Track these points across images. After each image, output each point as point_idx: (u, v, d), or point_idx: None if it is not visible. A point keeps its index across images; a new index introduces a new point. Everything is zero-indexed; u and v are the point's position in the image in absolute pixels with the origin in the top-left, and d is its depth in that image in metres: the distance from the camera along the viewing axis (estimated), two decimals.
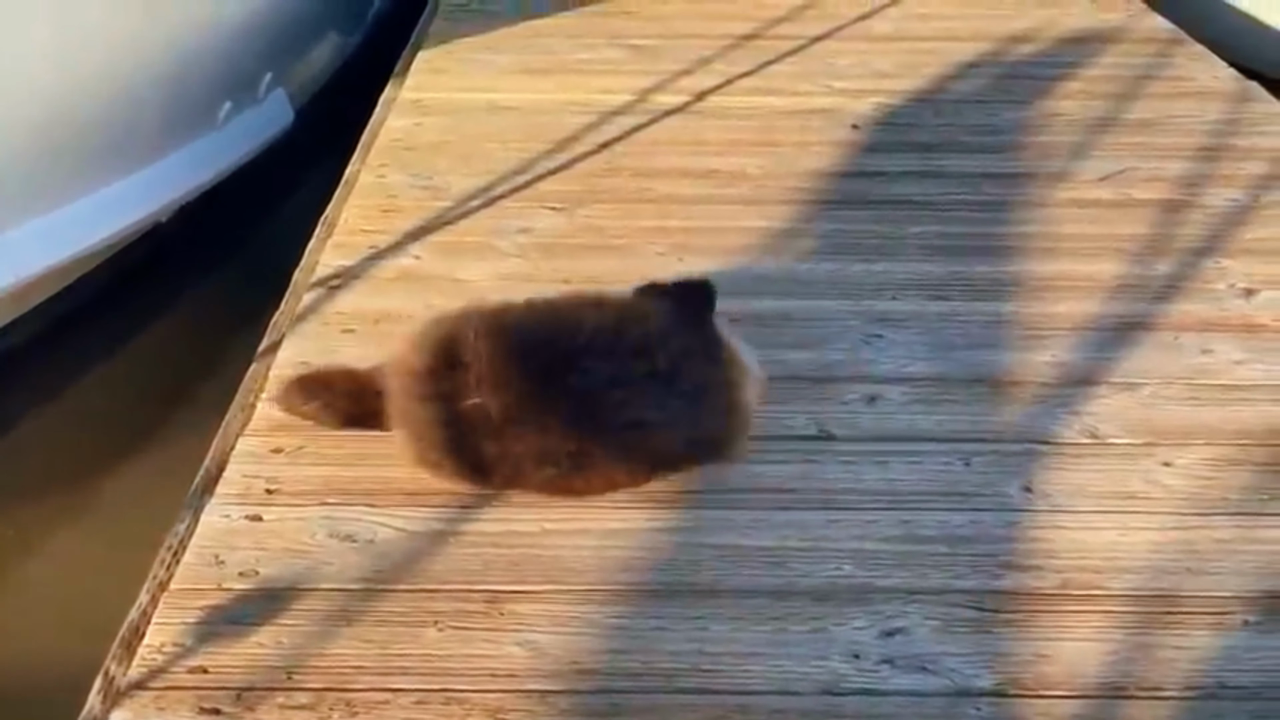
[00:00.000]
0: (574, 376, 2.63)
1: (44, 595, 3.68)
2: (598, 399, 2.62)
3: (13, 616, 3.57)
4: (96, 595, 3.20)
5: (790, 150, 4.42)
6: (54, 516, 3.94)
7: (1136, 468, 2.81)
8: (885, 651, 2.32)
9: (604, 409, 2.63)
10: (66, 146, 4.57)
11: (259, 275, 4.12)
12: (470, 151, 4.38)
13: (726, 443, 2.76)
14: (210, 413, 3.13)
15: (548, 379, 2.64)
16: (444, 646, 2.33)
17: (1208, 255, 3.70)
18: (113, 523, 3.85)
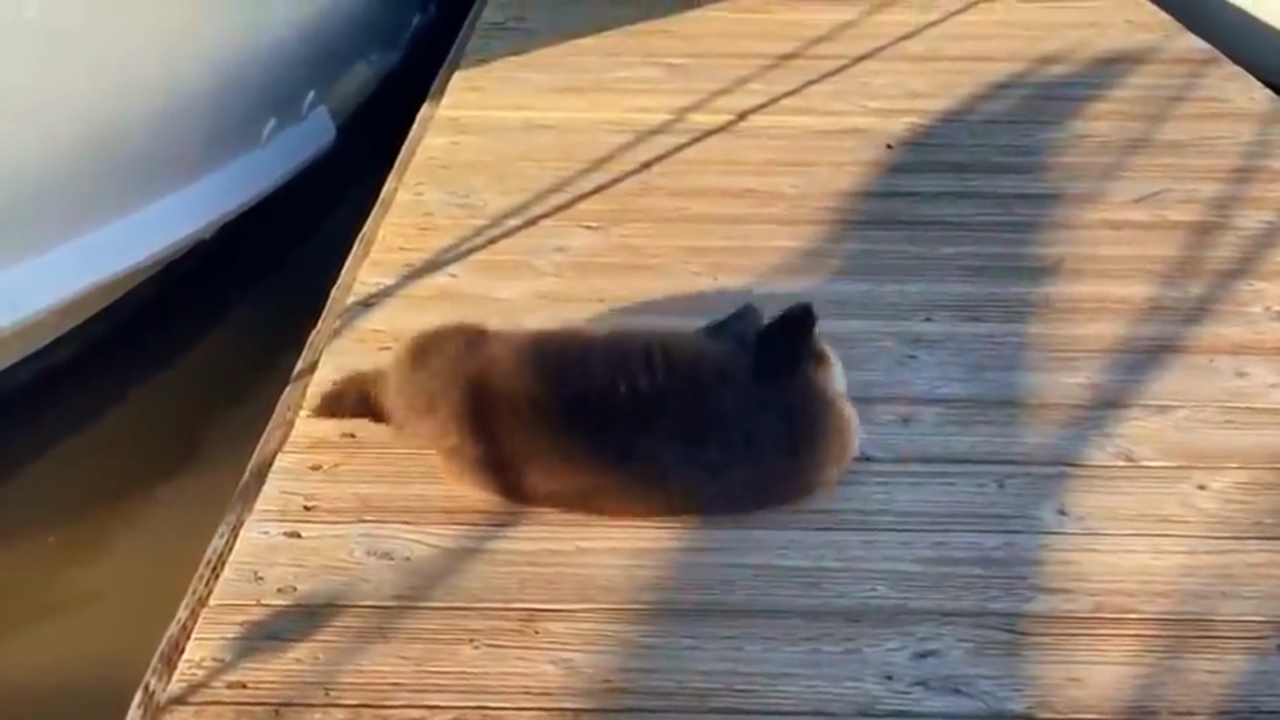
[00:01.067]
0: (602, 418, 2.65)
1: (85, 609, 3.72)
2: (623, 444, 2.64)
3: (55, 630, 3.62)
4: (137, 609, 3.23)
5: (825, 170, 4.43)
6: (95, 531, 3.99)
7: (1170, 490, 2.82)
8: (919, 673, 2.34)
9: (627, 455, 2.64)
10: (113, 164, 4.63)
11: (299, 292, 4.15)
12: (506, 170, 4.41)
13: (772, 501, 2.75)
14: (249, 430, 3.16)
15: (574, 418, 2.66)
16: (479, 664, 2.36)
17: (1242, 277, 3.70)
18: (153, 537, 3.90)
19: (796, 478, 2.74)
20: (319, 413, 3.04)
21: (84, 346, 4.76)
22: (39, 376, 4.58)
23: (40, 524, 3.99)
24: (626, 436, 2.62)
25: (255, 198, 5.40)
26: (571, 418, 2.65)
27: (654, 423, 2.62)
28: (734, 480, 2.66)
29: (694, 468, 2.64)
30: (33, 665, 3.49)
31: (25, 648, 3.59)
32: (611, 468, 2.65)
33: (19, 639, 3.65)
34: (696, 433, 2.64)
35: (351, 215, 4.27)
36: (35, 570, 3.85)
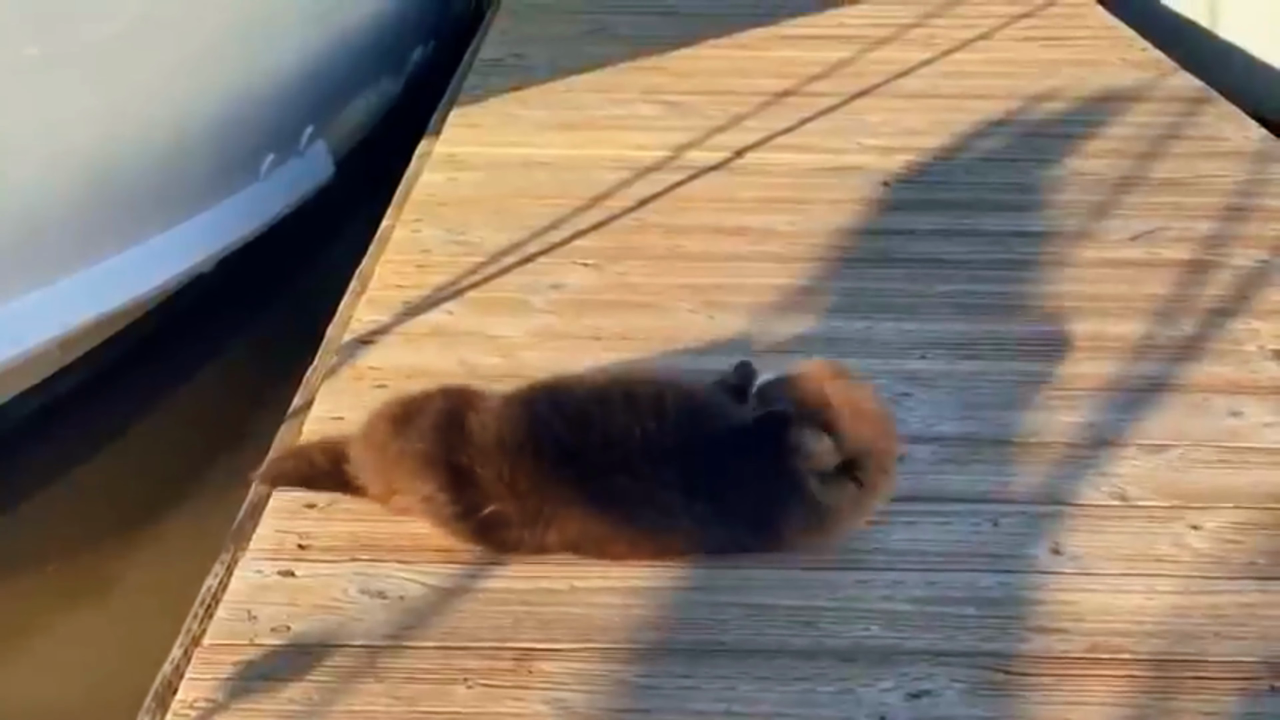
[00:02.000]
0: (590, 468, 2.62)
1: (78, 646, 3.72)
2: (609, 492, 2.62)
3: (48, 666, 3.61)
4: (131, 646, 3.23)
5: (821, 208, 4.45)
6: (91, 567, 3.99)
7: (1164, 530, 2.82)
8: (913, 714, 2.34)
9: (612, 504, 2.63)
10: (112, 198, 4.65)
11: (297, 327, 4.16)
12: (503, 207, 4.43)
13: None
14: (245, 468, 3.15)
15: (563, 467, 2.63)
16: (472, 704, 2.36)
17: (1237, 316, 3.71)
18: (148, 574, 3.89)
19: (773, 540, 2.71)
20: (276, 483, 2.92)
21: (84, 380, 4.77)
22: (39, 410, 4.59)
23: (36, 559, 3.99)
24: (627, 483, 2.60)
25: (254, 232, 5.42)
26: (571, 466, 2.62)
27: (652, 469, 2.60)
28: (731, 527, 2.66)
29: (691, 516, 2.63)
30: (26, 701, 3.49)
31: (18, 683, 3.59)
32: (613, 515, 2.63)
33: (12, 674, 3.64)
34: (693, 480, 2.62)
35: (349, 250, 4.28)
36: (29, 605, 3.85)
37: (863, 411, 2.74)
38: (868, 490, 2.70)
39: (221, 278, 5.29)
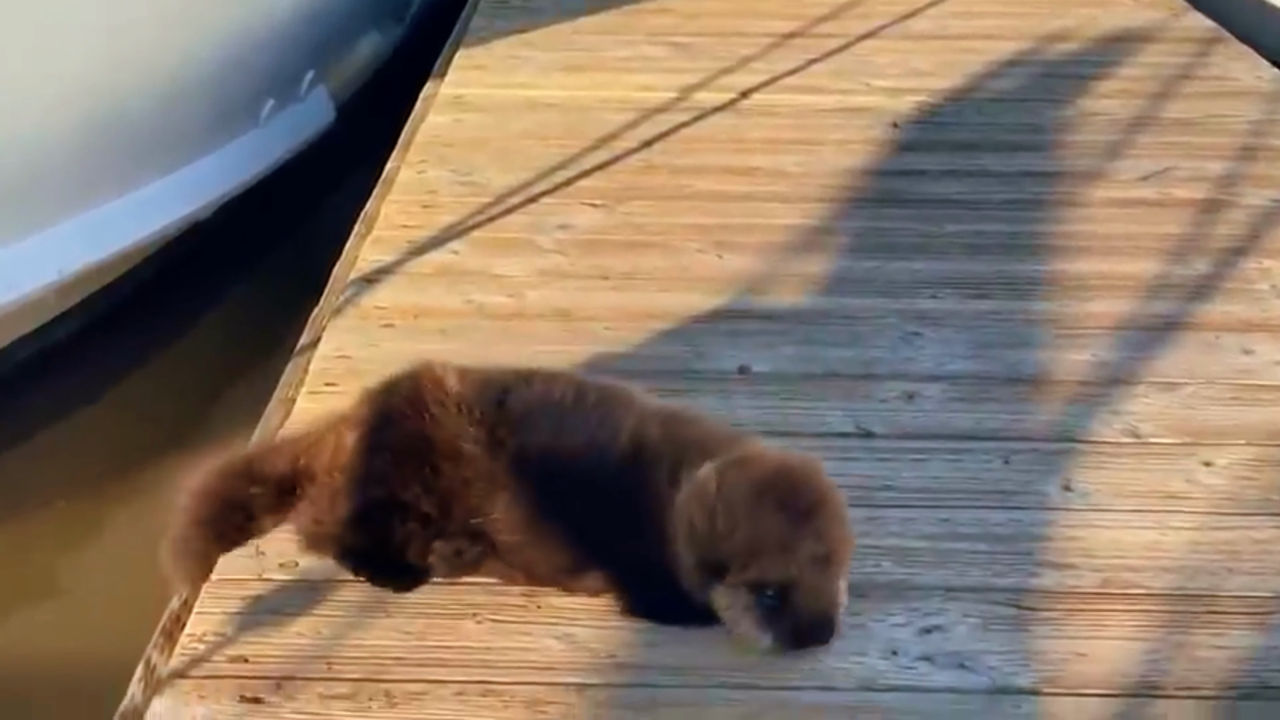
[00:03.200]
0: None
1: (87, 585, 3.73)
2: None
3: (57, 605, 3.62)
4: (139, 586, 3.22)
5: (830, 149, 4.41)
6: (96, 509, 3.99)
7: (1177, 467, 2.80)
8: (924, 649, 2.32)
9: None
10: (111, 144, 4.62)
11: (300, 273, 4.15)
12: (510, 148, 4.40)
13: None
14: (251, 409, 3.14)
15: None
16: (482, 639, 2.34)
17: (1249, 255, 3.68)
18: (154, 514, 3.87)
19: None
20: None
21: (84, 325, 4.75)
22: (38, 354, 4.58)
23: (41, 502, 3.99)
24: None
25: (254, 178, 5.39)
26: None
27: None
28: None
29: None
30: (35, 640, 3.49)
31: (28, 622, 3.60)
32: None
33: (22, 613, 3.65)
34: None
35: (351, 198, 4.26)
36: (38, 546, 3.85)
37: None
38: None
39: (222, 225, 5.26)
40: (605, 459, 2.35)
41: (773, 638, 2.24)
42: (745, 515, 2.22)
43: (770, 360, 3.20)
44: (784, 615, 2.23)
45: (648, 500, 2.31)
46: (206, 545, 2.50)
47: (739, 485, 2.24)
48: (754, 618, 2.23)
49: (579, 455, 2.35)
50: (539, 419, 2.39)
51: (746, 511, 2.22)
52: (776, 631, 2.23)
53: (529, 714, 2.18)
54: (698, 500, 2.25)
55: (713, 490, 2.24)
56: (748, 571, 2.21)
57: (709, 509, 2.23)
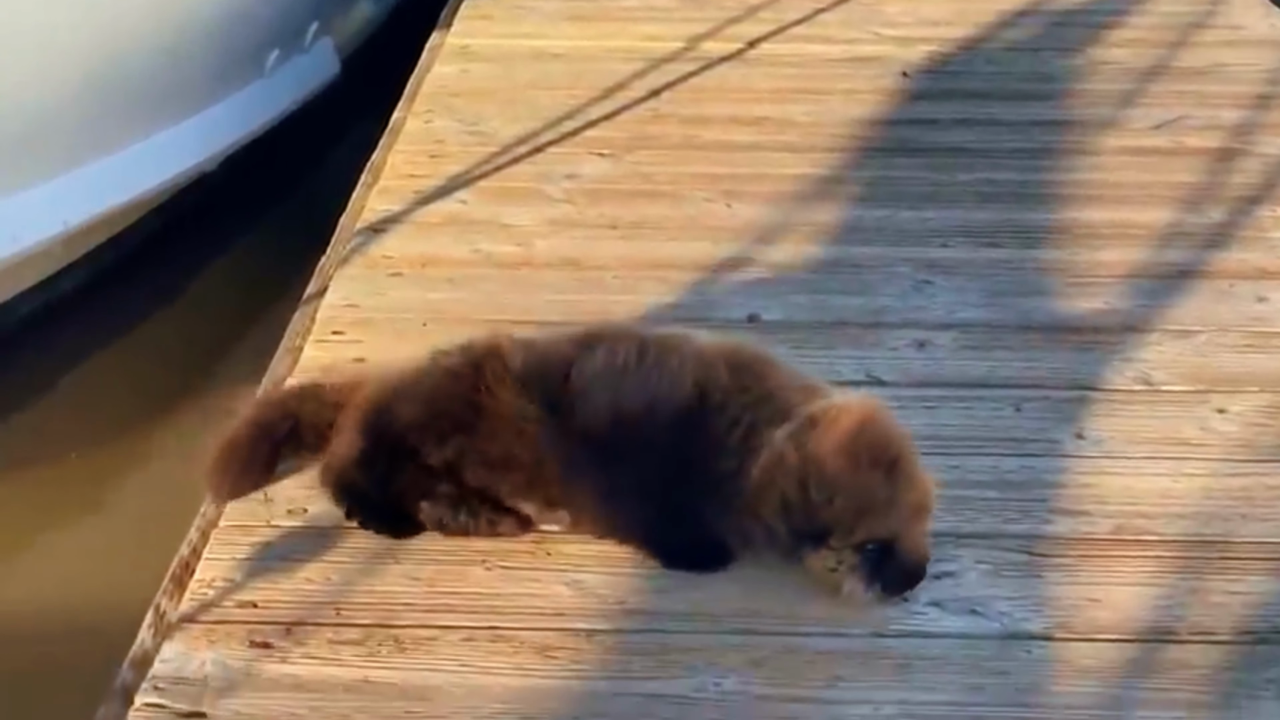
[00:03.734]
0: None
1: (96, 533, 3.73)
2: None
3: (67, 553, 3.63)
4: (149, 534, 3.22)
5: (839, 98, 4.37)
6: (105, 459, 3.98)
7: (1190, 414, 2.78)
8: (935, 594, 2.31)
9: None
10: (116, 94, 4.59)
11: (306, 224, 4.12)
12: (517, 98, 4.36)
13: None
14: (258, 359, 3.13)
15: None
16: (491, 585, 2.33)
17: (1263, 203, 3.65)
18: (163, 464, 3.88)
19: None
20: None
21: (89, 277, 4.74)
22: (44, 307, 4.56)
23: (51, 453, 3.99)
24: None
25: (259, 129, 5.36)
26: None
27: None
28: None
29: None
30: (46, 587, 3.50)
31: (39, 570, 3.61)
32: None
33: (33, 561, 3.66)
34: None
35: (356, 151, 4.21)
36: (48, 496, 3.86)
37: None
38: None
39: (228, 178, 5.24)
40: (666, 410, 2.32)
41: (880, 589, 2.23)
42: (841, 481, 2.20)
43: (779, 309, 3.18)
44: (886, 567, 2.22)
45: (708, 447, 2.29)
46: (245, 464, 2.50)
47: (824, 450, 2.21)
48: (860, 575, 2.22)
49: (639, 414, 2.33)
50: (600, 387, 2.36)
51: (841, 477, 2.20)
52: (883, 583, 2.23)
53: (538, 659, 2.18)
54: (782, 471, 2.23)
55: (794, 460, 2.22)
56: (855, 534, 2.21)
57: (799, 480, 2.21)
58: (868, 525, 2.20)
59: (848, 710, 2.09)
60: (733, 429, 2.29)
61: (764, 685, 2.13)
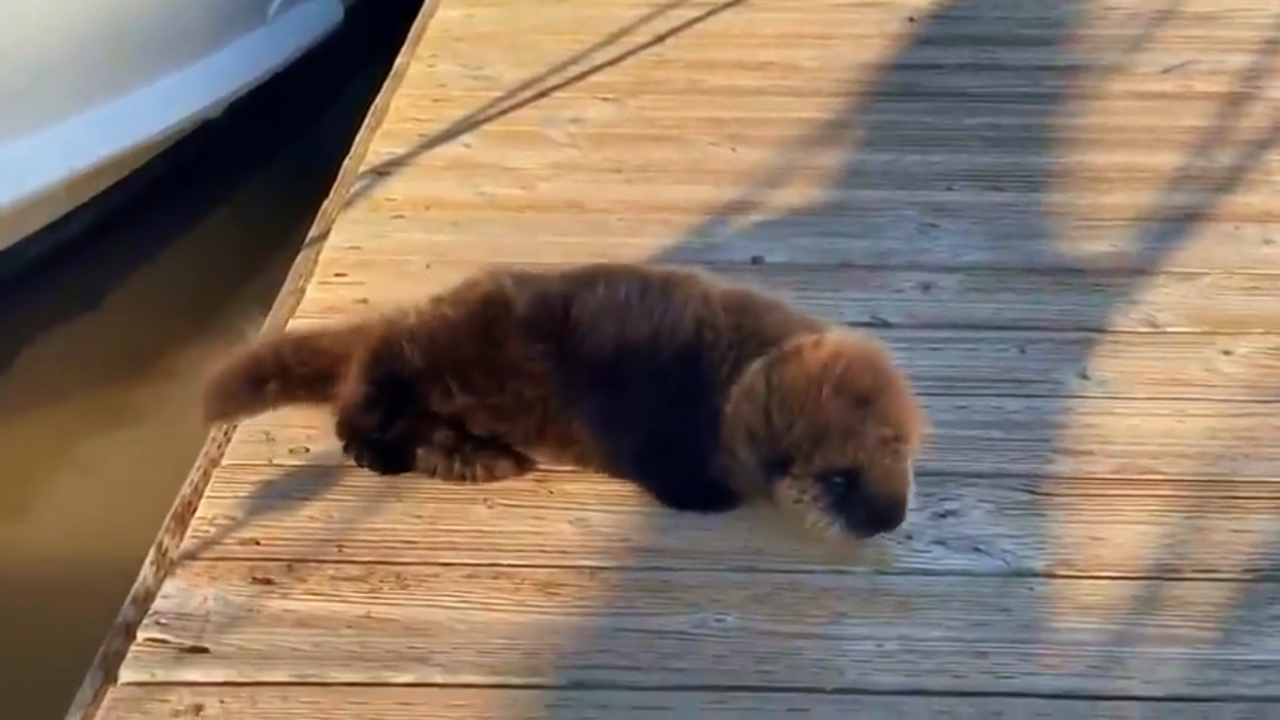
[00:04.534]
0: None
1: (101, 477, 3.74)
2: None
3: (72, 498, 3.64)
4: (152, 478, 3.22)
5: (845, 44, 4.34)
6: (109, 402, 4.00)
7: (1195, 356, 2.77)
8: (938, 533, 2.31)
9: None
10: (120, 39, 4.59)
11: (309, 172, 4.11)
12: (521, 43, 4.33)
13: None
14: (262, 302, 3.13)
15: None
16: (494, 524, 2.33)
17: (1270, 147, 3.62)
18: (165, 407, 3.88)
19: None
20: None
21: (95, 222, 4.74)
22: (50, 251, 4.56)
23: (56, 394, 4.00)
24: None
25: (262, 76, 5.34)
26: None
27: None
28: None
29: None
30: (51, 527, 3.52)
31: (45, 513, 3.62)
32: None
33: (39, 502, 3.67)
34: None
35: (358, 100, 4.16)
36: (53, 438, 3.88)
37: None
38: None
39: (231, 125, 5.22)
40: (668, 344, 2.32)
41: (842, 523, 2.21)
42: (802, 407, 2.19)
43: (784, 251, 3.17)
44: (853, 501, 2.20)
45: (704, 384, 2.28)
46: (241, 394, 2.47)
47: (792, 378, 2.20)
48: (822, 506, 2.20)
49: (642, 346, 2.33)
50: (604, 324, 2.36)
51: (803, 403, 2.19)
52: (847, 517, 2.20)
53: (541, 596, 2.18)
54: (749, 402, 2.22)
55: (763, 390, 2.21)
56: (812, 462, 2.19)
57: (763, 409, 2.21)
58: (825, 453, 2.18)
59: (850, 646, 2.09)
60: (722, 365, 2.28)
61: (767, 621, 2.13)
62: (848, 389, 2.19)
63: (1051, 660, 2.05)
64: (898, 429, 2.21)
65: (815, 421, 2.18)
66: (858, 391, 2.20)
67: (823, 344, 2.25)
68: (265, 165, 5.30)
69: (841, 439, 2.17)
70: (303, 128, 5.53)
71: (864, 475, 2.18)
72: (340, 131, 3.97)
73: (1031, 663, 2.05)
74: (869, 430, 2.18)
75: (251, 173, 5.24)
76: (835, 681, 2.03)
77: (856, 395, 2.20)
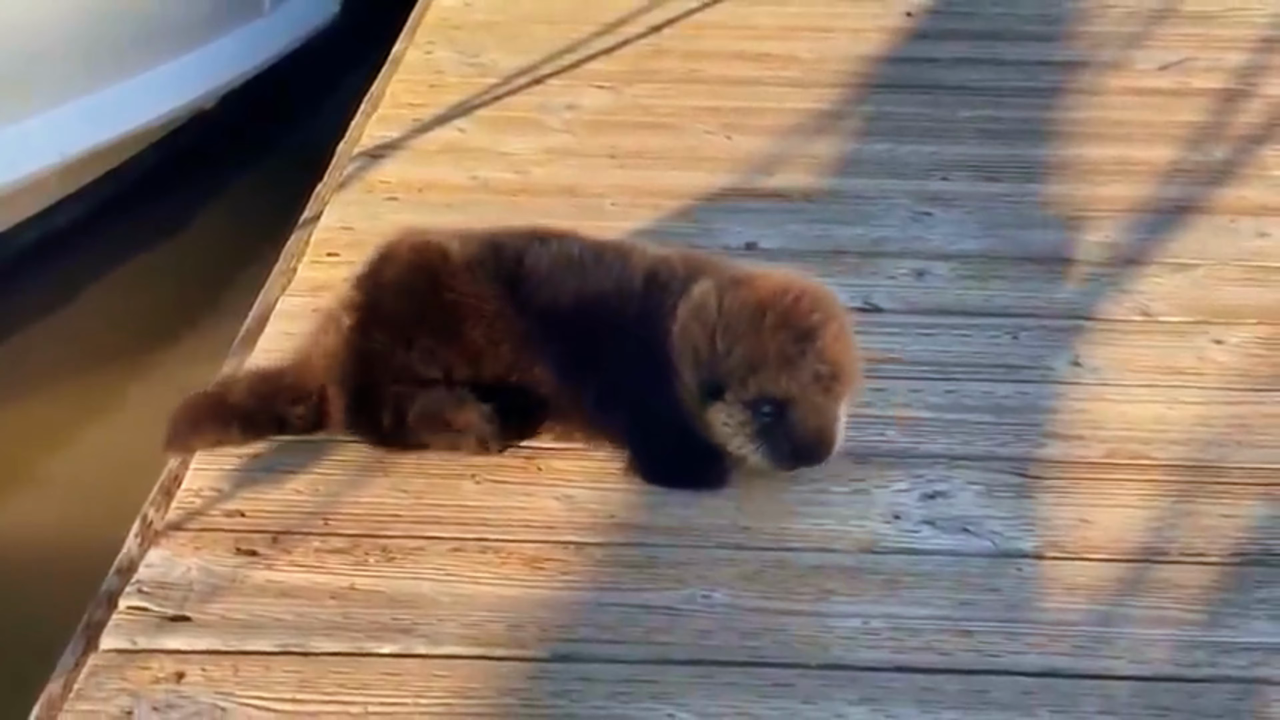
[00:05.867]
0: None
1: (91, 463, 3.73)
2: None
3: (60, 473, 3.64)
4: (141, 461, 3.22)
5: (843, 36, 4.34)
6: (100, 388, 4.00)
7: (1187, 344, 2.77)
8: (927, 513, 2.30)
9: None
10: (115, 27, 4.59)
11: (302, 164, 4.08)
12: (518, 31, 4.33)
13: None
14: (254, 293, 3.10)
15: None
16: (481, 499, 2.32)
17: (1265, 142, 3.62)
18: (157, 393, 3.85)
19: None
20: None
21: (87, 211, 4.73)
22: (41, 238, 4.56)
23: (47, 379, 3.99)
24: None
25: (257, 68, 5.35)
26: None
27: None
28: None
29: None
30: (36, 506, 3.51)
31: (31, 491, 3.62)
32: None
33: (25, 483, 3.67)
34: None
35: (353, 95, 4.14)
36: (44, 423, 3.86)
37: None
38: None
39: (225, 115, 5.22)
40: (628, 298, 2.33)
41: (765, 451, 2.23)
42: (745, 332, 2.20)
43: (778, 237, 3.16)
44: (778, 431, 2.21)
45: (662, 333, 2.28)
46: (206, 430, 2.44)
47: (741, 303, 2.21)
48: (749, 433, 2.22)
49: (607, 299, 2.34)
50: (563, 274, 2.37)
51: (746, 328, 2.20)
52: (770, 446, 2.22)
53: (527, 570, 2.17)
54: (697, 320, 2.23)
55: (713, 308, 2.22)
56: (746, 388, 2.20)
57: (709, 328, 2.22)
58: (759, 381, 2.19)
59: (837, 623, 2.07)
60: (673, 299, 2.30)
61: (754, 598, 2.12)
62: (792, 322, 2.22)
63: (1038, 639, 2.04)
64: (834, 368, 2.23)
65: (755, 349, 2.20)
66: (801, 326, 2.22)
67: (773, 274, 2.29)
68: (259, 157, 5.30)
69: (776, 369, 2.20)
70: (297, 119, 5.53)
71: (793, 407, 2.20)
72: (334, 124, 3.96)
73: (1018, 641, 2.04)
74: (805, 365, 2.20)
75: (245, 165, 5.25)
76: (821, 658, 2.01)
77: (799, 329, 2.22)
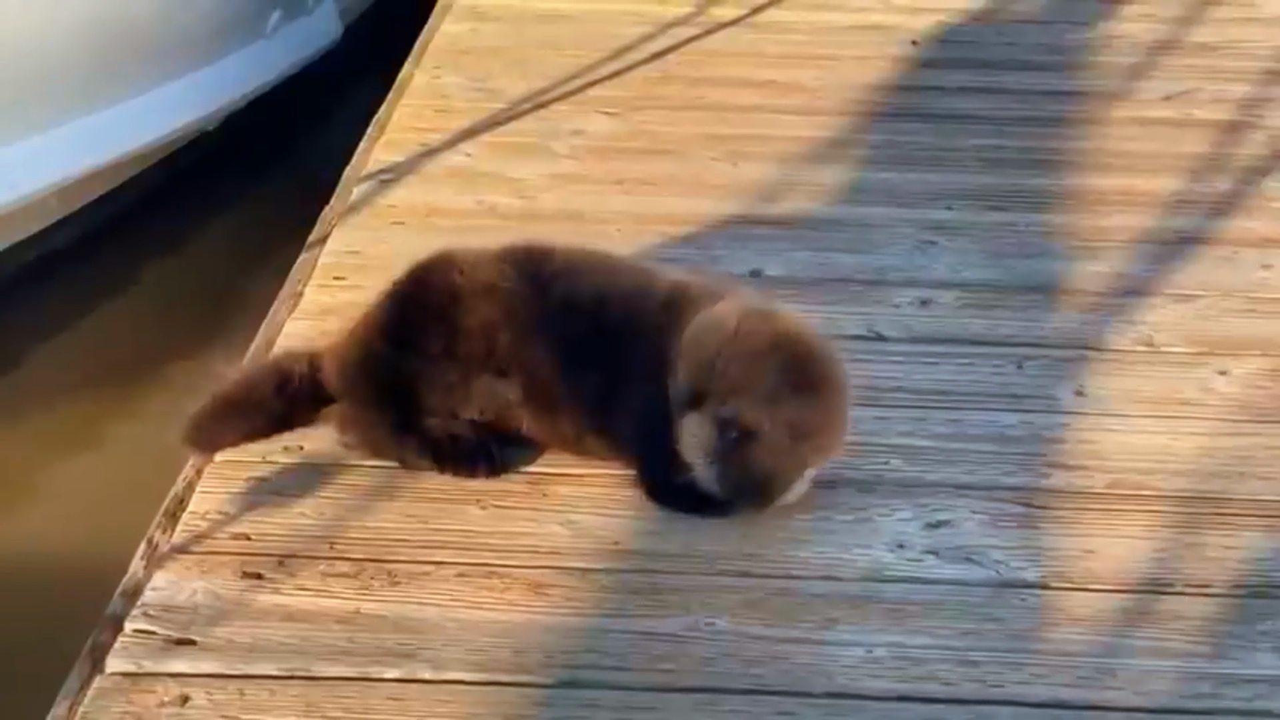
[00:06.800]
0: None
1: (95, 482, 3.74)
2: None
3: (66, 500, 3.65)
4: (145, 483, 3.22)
5: (848, 64, 4.35)
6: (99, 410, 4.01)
7: (1191, 375, 2.77)
8: (930, 542, 2.31)
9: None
10: (115, 47, 4.60)
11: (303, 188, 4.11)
12: (525, 57, 4.34)
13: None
14: (259, 314, 3.11)
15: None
16: (486, 524, 2.33)
17: (1270, 174, 3.63)
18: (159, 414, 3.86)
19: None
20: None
21: (86, 232, 4.75)
22: (40, 259, 4.58)
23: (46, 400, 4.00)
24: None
25: (258, 90, 5.36)
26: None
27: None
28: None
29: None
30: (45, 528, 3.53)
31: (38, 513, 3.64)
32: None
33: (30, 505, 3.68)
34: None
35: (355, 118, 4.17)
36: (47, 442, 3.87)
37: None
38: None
39: (226, 137, 5.24)
40: (649, 305, 2.39)
41: (714, 472, 2.24)
42: (748, 358, 2.23)
43: (783, 265, 3.18)
44: (733, 458, 2.23)
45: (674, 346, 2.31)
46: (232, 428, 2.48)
47: (757, 332, 2.25)
48: (706, 449, 2.23)
49: (628, 300, 2.40)
50: (589, 270, 2.45)
51: (751, 355, 2.23)
52: (720, 469, 2.24)
53: (531, 596, 2.18)
54: (710, 332, 2.27)
55: (730, 328, 2.25)
56: (723, 405, 2.22)
57: (717, 343, 2.26)
58: (738, 403, 2.22)
59: (841, 651, 2.08)
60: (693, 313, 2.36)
61: (757, 626, 2.13)
62: (796, 368, 2.25)
63: (1041, 670, 2.05)
64: (815, 430, 2.27)
65: (749, 374, 2.24)
66: (803, 377, 2.26)
67: (799, 320, 2.34)
68: (259, 180, 5.30)
69: (759, 400, 2.22)
70: (297, 143, 5.54)
71: (755, 441, 2.22)
72: (336, 148, 3.99)
73: (1021, 672, 2.05)
74: (787, 411, 2.23)
75: (246, 188, 5.25)
76: (824, 686, 2.02)
77: (800, 379, 2.26)
